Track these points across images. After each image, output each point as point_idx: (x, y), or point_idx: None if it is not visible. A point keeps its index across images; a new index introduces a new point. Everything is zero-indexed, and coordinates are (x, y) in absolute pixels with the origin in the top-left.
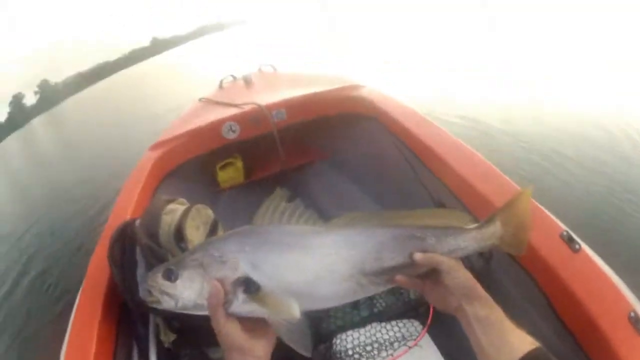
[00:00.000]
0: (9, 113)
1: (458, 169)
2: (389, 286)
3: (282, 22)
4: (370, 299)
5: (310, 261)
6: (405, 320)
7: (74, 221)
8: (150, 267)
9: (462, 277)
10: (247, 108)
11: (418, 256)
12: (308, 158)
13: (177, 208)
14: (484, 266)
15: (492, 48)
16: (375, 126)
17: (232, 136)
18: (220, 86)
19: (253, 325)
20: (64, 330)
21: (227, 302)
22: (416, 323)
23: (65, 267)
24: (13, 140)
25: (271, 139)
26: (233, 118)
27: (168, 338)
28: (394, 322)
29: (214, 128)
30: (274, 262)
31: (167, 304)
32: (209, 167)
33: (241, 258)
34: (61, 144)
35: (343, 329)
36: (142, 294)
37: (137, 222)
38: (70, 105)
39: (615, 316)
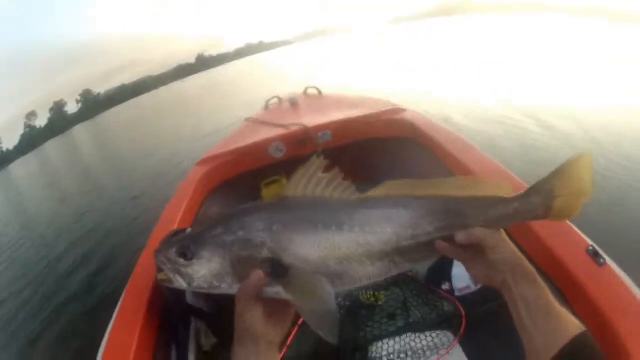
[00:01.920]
0: (50, 119)
1: None
2: (426, 260)
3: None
4: (407, 309)
5: (342, 240)
6: (438, 331)
7: (119, 227)
8: None
9: (508, 252)
10: (293, 129)
11: (460, 236)
12: (351, 179)
13: None
14: None
15: None
16: (416, 148)
17: (278, 155)
18: (267, 107)
19: (272, 309)
20: (105, 329)
21: None
22: (449, 334)
23: (110, 270)
24: (54, 145)
25: None
26: (280, 138)
27: (209, 342)
28: (427, 333)
29: (261, 147)
30: (303, 241)
31: (179, 283)
32: (255, 184)
33: (268, 237)
34: (106, 152)
35: (379, 337)
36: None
37: (188, 230)
38: (113, 115)
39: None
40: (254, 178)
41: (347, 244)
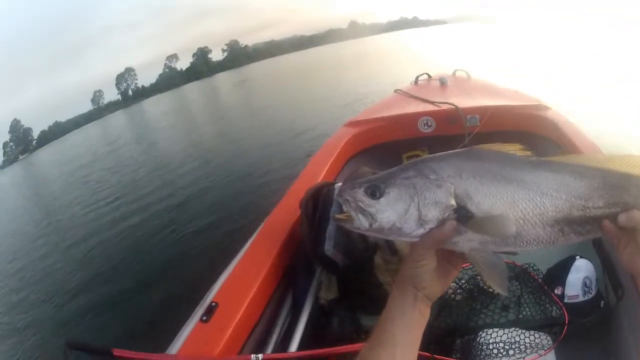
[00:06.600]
0: (192, 63)
1: None
2: (587, 236)
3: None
4: (519, 305)
5: (521, 197)
6: (540, 333)
7: (254, 174)
8: (340, 226)
9: None
10: (444, 107)
11: (622, 217)
12: None
13: None
14: (615, 302)
15: None
16: (554, 150)
17: (426, 130)
18: (416, 82)
19: (440, 263)
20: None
21: None
22: (548, 338)
23: (243, 212)
24: (195, 87)
25: (460, 141)
26: (430, 114)
27: (327, 296)
28: (532, 332)
29: (411, 119)
30: (489, 193)
31: (360, 223)
32: (397, 154)
33: (457, 184)
34: (247, 101)
35: (490, 325)
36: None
37: (337, 185)
38: (259, 68)
39: None
40: (396, 149)
41: (525, 202)
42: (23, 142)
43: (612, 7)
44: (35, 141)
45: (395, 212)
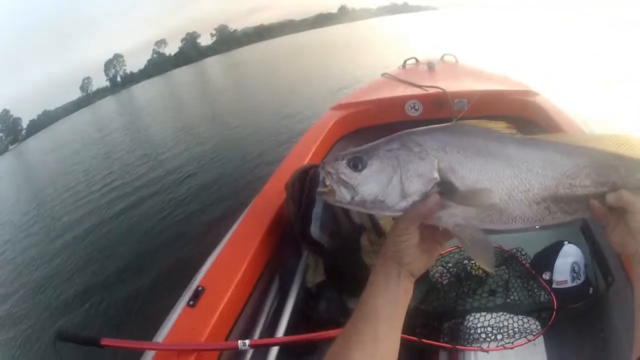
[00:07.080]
0: (181, 48)
1: None
2: (575, 216)
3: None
4: (507, 289)
5: (507, 174)
6: (529, 318)
7: (243, 158)
8: (326, 208)
9: None
10: (431, 91)
11: (610, 197)
12: None
13: None
14: (604, 289)
15: None
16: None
17: (413, 114)
18: (404, 66)
19: (424, 239)
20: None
21: None
22: (537, 323)
23: (231, 193)
24: (184, 72)
25: None
26: (417, 97)
27: (314, 279)
28: (520, 316)
29: (398, 103)
30: (473, 168)
31: (342, 196)
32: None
33: (441, 158)
34: (237, 85)
35: (478, 309)
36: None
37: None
38: (248, 52)
39: None
40: (383, 132)
41: (510, 178)
42: (12, 132)
43: (612, 7)
44: (24, 130)
45: (377, 184)
